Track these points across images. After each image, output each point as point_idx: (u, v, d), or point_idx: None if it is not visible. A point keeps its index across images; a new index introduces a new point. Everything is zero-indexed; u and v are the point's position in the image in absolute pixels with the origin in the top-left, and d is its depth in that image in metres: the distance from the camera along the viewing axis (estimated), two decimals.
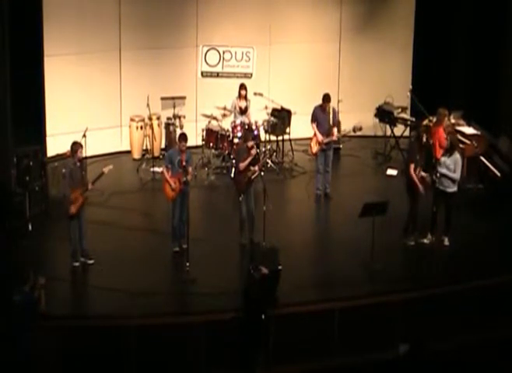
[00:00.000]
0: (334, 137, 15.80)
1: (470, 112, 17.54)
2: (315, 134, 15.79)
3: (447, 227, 14.13)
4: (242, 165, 13.80)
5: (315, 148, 15.90)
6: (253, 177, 13.84)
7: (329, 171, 15.94)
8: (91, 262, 13.25)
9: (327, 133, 15.72)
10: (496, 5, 17.65)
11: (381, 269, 13.17)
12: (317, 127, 15.81)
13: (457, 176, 13.84)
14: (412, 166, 13.88)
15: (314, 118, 15.88)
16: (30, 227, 14.22)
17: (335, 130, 15.81)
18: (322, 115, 15.80)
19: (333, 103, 17.82)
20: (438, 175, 13.83)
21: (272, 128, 17.58)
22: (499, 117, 17.70)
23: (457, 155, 13.90)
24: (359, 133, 18.97)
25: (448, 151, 13.94)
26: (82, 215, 13.14)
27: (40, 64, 16.62)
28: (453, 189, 13.93)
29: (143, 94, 17.18)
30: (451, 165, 13.80)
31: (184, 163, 13.46)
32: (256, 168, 13.83)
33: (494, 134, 17.35)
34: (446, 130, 15.79)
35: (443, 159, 13.93)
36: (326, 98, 15.73)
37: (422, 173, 13.93)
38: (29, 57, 16.08)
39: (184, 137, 13.70)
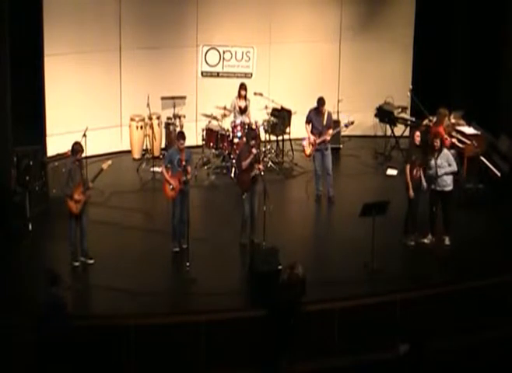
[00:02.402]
0: (327, 136, 15.71)
1: (470, 112, 17.52)
2: (309, 137, 15.79)
3: (447, 226, 14.13)
4: (244, 164, 13.79)
5: (308, 150, 15.86)
6: (257, 173, 13.79)
7: (330, 174, 15.79)
8: (91, 262, 13.24)
9: (320, 135, 15.69)
10: (495, 4, 17.64)
11: (381, 269, 13.18)
12: (311, 129, 15.79)
13: (454, 168, 13.88)
14: (408, 167, 13.91)
15: (308, 120, 15.88)
16: (30, 227, 14.21)
17: (330, 131, 15.75)
18: (316, 118, 15.76)
19: (333, 103, 17.88)
20: (438, 176, 13.85)
21: (272, 128, 17.58)
22: (499, 117, 17.69)
23: (445, 151, 13.92)
24: (359, 133, 19.05)
25: (434, 153, 13.88)
26: (84, 215, 13.14)
27: (40, 63, 16.60)
28: (449, 188, 13.95)
29: (143, 94, 17.18)
30: (444, 163, 13.81)
31: (183, 162, 13.46)
32: (260, 166, 13.81)
33: (494, 134, 17.34)
34: (446, 130, 15.79)
35: (432, 162, 13.88)
36: (320, 102, 15.70)
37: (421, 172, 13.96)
38: (29, 57, 16.06)
39: (181, 135, 13.65)
